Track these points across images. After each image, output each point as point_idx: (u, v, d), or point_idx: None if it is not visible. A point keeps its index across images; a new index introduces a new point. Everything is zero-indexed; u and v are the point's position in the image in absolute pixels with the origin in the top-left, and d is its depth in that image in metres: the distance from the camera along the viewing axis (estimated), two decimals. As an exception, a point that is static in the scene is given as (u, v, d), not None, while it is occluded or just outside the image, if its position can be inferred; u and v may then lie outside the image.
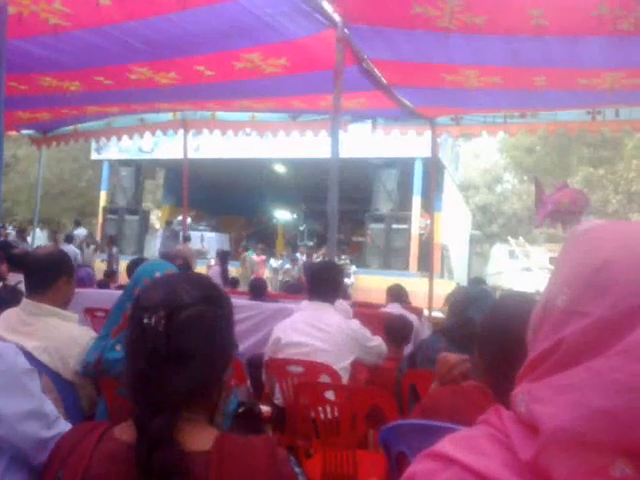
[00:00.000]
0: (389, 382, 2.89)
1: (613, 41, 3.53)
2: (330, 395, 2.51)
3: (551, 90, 4.79)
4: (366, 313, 4.94)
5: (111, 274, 7.83)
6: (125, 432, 1.03)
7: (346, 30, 3.92)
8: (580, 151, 23.22)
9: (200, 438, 1.01)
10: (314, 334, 2.85)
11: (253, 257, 15.59)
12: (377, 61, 4.60)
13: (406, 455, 1.37)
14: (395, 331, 3.81)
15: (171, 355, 1.02)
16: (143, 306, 1.06)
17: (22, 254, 4.52)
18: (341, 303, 3.22)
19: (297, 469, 1.01)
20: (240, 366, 2.74)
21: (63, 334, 2.02)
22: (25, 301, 2.08)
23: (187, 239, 12.31)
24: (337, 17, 3.81)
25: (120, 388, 1.89)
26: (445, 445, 0.64)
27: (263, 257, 15.59)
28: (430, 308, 7.21)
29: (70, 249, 12.87)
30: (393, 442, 1.41)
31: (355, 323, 2.96)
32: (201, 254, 13.39)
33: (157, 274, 1.98)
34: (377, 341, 3.02)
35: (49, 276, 2.08)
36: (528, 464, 0.57)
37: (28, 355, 1.80)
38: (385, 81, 5.06)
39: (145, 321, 1.03)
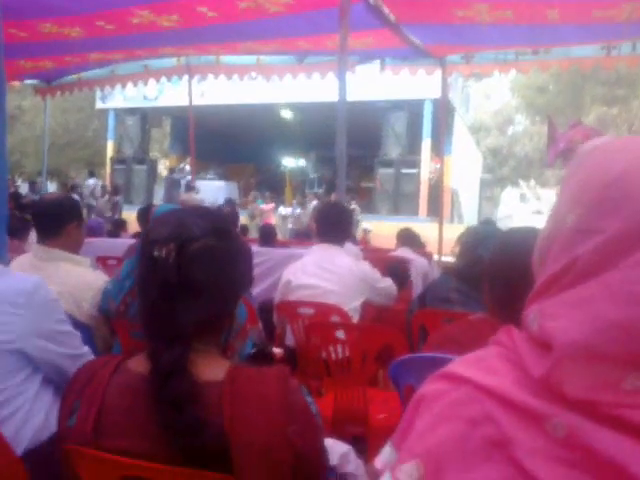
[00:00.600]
0: (399, 324, 2.89)
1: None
2: (341, 335, 2.53)
3: (564, 24, 4.63)
4: (373, 257, 4.98)
5: (121, 224, 7.84)
6: (139, 364, 1.05)
7: (352, -36, 3.77)
8: (594, 90, 22.62)
9: (212, 369, 1.02)
10: (324, 276, 2.85)
11: (262, 206, 15.60)
12: (385, -3, 4.45)
13: (415, 388, 1.39)
14: (391, 271, 3.82)
15: (182, 287, 1.02)
16: (153, 239, 1.06)
17: (30, 203, 4.53)
18: (350, 246, 3.21)
19: (308, 398, 1.03)
20: (252, 309, 2.78)
21: (76, 278, 2.05)
22: (36, 247, 2.10)
23: (190, 188, 12.29)
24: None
25: (134, 330, 1.96)
26: (455, 366, 0.64)
27: (272, 205, 15.60)
28: (440, 253, 7.23)
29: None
30: (403, 376, 1.43)
31: (365, 264, 2.96)
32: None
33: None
34: (387, 282, 3.02)
35: (58, 221, 2.10)
36: (540, 380, 0.57)
37: None
38: (393, 18, 4.91)
39: (155, 254, 1.03)
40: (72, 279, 2.04)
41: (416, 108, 14.97)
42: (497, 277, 1.40)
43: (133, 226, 11.23)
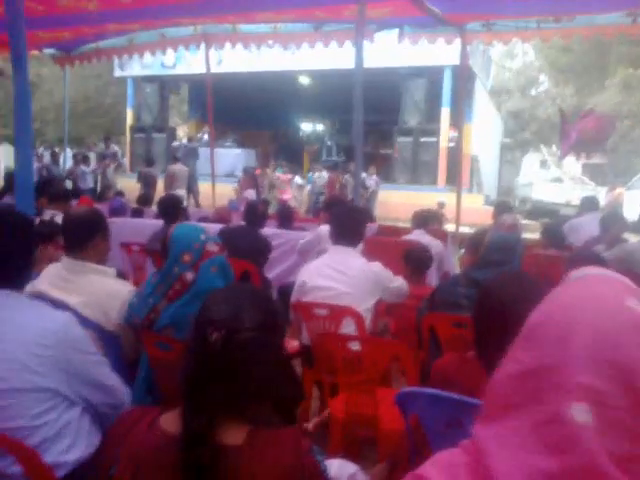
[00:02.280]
0: (409, 321, 2.97)
1: None
2: (354, 345, 2.63)
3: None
4: (387, 242, 5.00)
5: (145, 201, 7.83)
6: (172, 423, 1.12)
7: None
8: (619, 50, 21.93)
9: (234, 432, 1.10)
10: (338, 278, 2.91)
11: (279, 175, 15.55)
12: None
13: (420, 417, 1.53)
14: (413, 261, 3.83)
15: (223, 370, 1.10)
16: (208, 319, 1.13)
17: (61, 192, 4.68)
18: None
19: (319, 457, 1.11)
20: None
21: (103, 289, 2.13)
22: (65, 259, 2.20)
23: (189, 154, 12.13)
24: None
25: (159, 341, 2.07)
26: (428, 470, 0.70)
27: (289, 176, 15.55)
28: (457, 223, 7.23)
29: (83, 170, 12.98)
30: (409, 406, 1.55)
31: (377, 265, 3.00)
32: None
33: (202, 237, 2.08)
34: (399, 282, 3.06)
35: (85, 235, 2.19)
36: None
37: (72, 310, 1.91)
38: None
39: (207, 335, 1.11)
40: (99, 290, 2.13)
41: (435, 75, 14.72)
42: (483, 320, 1.50)
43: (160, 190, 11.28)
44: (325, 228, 4.03)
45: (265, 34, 6.99)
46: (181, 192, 11.38)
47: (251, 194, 10.80)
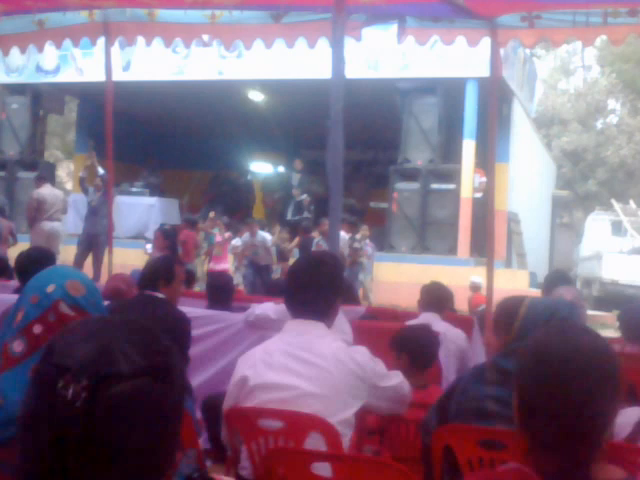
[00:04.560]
0: (413, 445, 2.97)
1: None
2: (323, 469, 2.55)
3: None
4: (378, 328, 5.04)
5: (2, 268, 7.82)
6: None
7: None
8: None
9: None
10: (299, 370, 2.88)
11: (216, 235, 15.53)
12: None
13: None
14: (408, 347, 3.94)
15: (85, 445, 1.07)
16: (59, 364, 1.10)
17: None
18: (340, 319, 3.27)
19: None
20: (190, 422, 2.77)
21: None
22: None
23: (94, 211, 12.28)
24: None
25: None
26: None
27: (228, 235, 15.56)
28: (488, 311, 7.23)
29: None
30: None
31: (361, 352, 2.98)
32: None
33: (49, 288, 1.96)
34: (395, 379, 3.05)
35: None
36: None
37: None
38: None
39: (59, 389, 1.08)
40: None
41: (453, 92, 15.07)
42: (532, 406, 1.50)
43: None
44: None
45: (198, 25, 7.13)
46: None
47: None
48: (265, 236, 14.83)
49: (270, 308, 4.65)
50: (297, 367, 2.90)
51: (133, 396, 1.09)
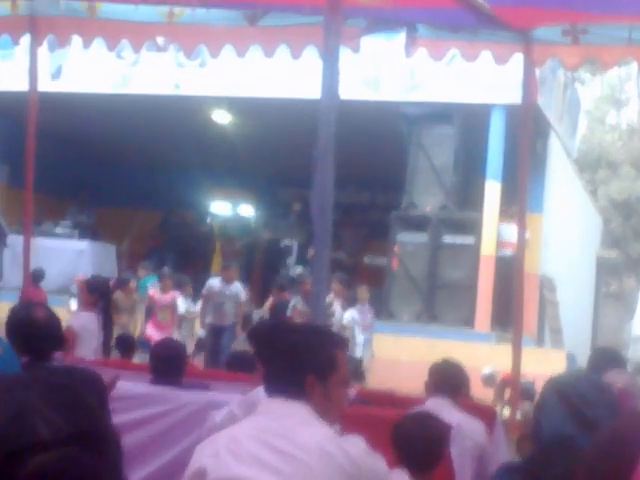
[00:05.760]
0: None
1: None
2: None
3: None
4: (375, 417, 5.07)
5: None
6: None
7: None
8: None
9: None
10: (273, 464, 2.86)
11: (150, 292, 15.44)
12: None
13: None
14: (409, 444, 3.96)
15: None
16: None
17: None
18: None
19: None
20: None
21: None
22: None
23: None
24: None
25: None
26: None
27: (174, 294, 15.47)
28: (515, 400, 7.37)
29: None
30: None
31: (356, 444, 2.95)
32: None
33: None
34: (398, 477, 3.15)
35: None
36: None
37: None
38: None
39: None
40: None
41: (474, 121, 15.25)
42: None
43: None
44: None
45: (152, 25, 7.18)
46: None
47: (85, 320, 10.63)
48: (240, 289, 14.83)
49: (234, 404, 4.66)
50: (270, 459, 2.87)
51: (56, 470, 1.09)
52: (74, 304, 13.55)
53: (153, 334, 14.36)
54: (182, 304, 15.50)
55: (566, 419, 2.74)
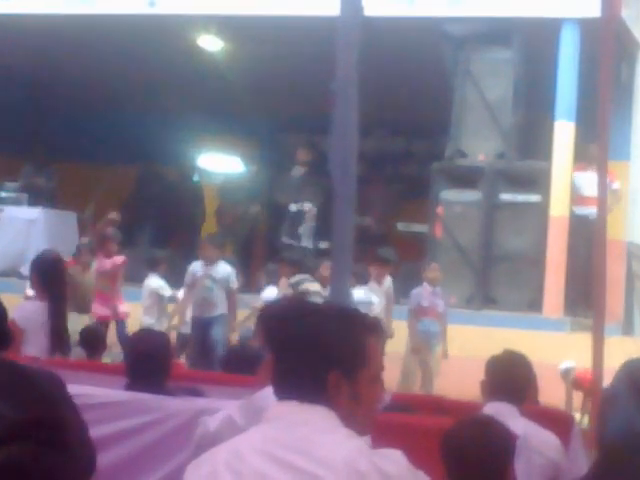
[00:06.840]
0: None
1: None
2: None
3: None
4: (414, 426, 5.37)
5: None
6: None
7: None
8: None
9: None
10: None
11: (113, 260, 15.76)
12: None
13: None
14: (469, 459, 4.12)
15: None
16: None
17: None
18: None
19: None
20: None
21: None
22: None
23: None
24: None
25: None
26: None
27: (116, 259, 15.79)
28: (593, 401, 7.69)
29: None
30: None
31: (395, 460, 2.91)
32: None
33: None
34: None
35: None
36: None
37: None
38: None
39: None
40: None
41: (539, 42, 15.34)
42: None
43: None
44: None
45: None
46: None
47: (32, 308, 10.75)
48: (229, 271, 15.19)
49: (233, 410, 4.88)
50: (284, 476, 2.87)
51: (10, 467, 1.23)
52: (30, 290, 13.63)
53: (97, 309, 15.02)
54: (155, 284, 16.01)
55: (638, 414, 2.89)
